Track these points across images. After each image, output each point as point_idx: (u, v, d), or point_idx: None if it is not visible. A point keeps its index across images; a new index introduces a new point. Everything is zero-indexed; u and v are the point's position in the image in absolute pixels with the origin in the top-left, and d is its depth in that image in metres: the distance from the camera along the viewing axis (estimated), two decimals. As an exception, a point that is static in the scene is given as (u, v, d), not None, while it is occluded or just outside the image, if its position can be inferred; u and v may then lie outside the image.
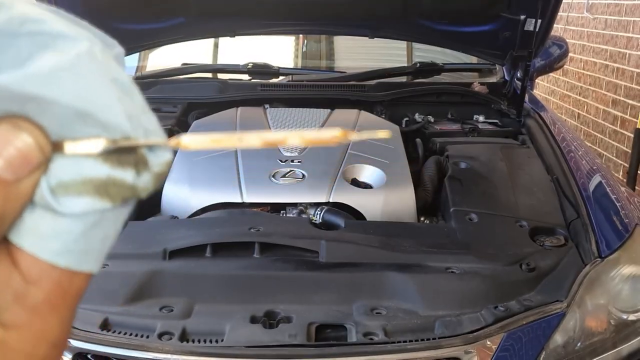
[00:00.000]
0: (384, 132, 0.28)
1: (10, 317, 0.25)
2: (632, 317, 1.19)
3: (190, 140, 0.26)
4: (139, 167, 0.26)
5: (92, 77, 0.24)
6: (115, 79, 0.25)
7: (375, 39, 2.19)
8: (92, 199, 0.25)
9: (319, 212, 1.41)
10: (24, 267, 0.25)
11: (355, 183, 1.56)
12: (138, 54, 2.47)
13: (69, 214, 0.25)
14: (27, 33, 0.24)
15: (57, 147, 0.24)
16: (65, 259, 0.26)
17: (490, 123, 2.02)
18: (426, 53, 2.53)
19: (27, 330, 0.25)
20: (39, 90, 0.23)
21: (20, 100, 0.23)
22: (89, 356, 1.05)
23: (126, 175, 0.25)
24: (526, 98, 2.02)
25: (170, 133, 1.89)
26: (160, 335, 1.04)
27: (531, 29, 1.82)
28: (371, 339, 1.05)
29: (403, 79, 2.33)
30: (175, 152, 0.27)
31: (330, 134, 0.26)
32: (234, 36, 2.19)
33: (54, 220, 0.25)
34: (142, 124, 0.26)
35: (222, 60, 2.55)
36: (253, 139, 0.26)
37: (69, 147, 0.24)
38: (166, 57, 2.49)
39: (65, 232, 0.25)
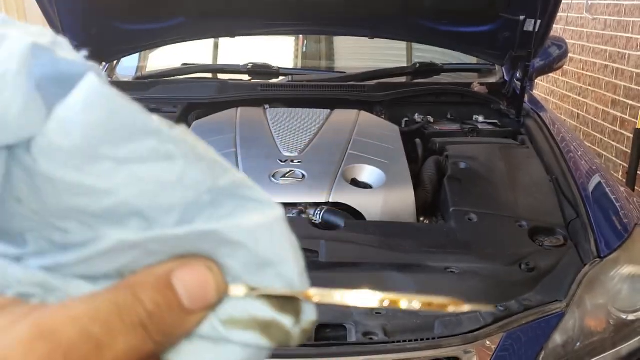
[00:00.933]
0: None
1: None
2: (631, 317, 1.19)
3: (316, 292, 0.31)
4: (297, 316, 0.31)
5: (280, 237, 0.30)
6: (293, 242, 0.31)
7: (375, 39, 2.19)
8: (256, 334, 0.29)
9: (318, 212, 1.41)
10: None
11: (355, 183, 1.56)
12: (138, 54, 2.47)
13: (236, 342, 0.29)
14: (240, 196, 0.29)
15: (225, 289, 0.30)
16: None
17: (489, 123, 2.02)
18: (426, 53, 2.54)
19: None
20: (241, 238, 0.29)
21: (221, 244, 0.29)
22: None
23: (286, 321, 0.30)
24: (525, 98, 2.02)
25: None
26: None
27: (531, 29, 1.82)
28: (371, 338, 1.05)
29: (403, 79, 2.33)
30: None
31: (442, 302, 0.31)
32: (234, 36, 2.19)
33: (216, 349, 0.29)
34: (306, 281, 0.31)
35: (222, 60, 2.55)
36: (373, 298, 0.31)
37: (234, 290, 0.30)
38: (166, 57, 2.49)
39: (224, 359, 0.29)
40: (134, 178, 0.27)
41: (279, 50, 2.68)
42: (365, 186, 1.55)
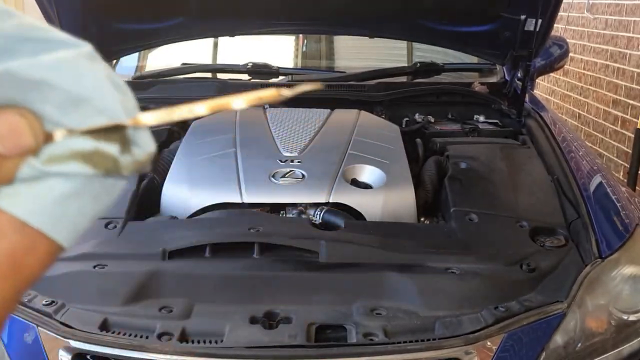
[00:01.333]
0: (312, 84, 0.31)
1: None
2: (632, 317, 1.19)
3: (147, 116, 0.29)
4: (124, 145, 0.29)
5: (90, 70, 0.28)
6: (110, 76, 0.29)
7: (375, 38, 2.19)
8: (78, 164, 0.28)
9: (318, 213, 1.41)
10: None
11: (355, 183, 1.55)
12: (137, 53, 2.47)
13: (53, 173, 0.28)
14: (35, 38, 0.28)
15: (48, 137, 0.28)
16: (38, 219, 0.27)
17: (490, 123, 2.02)
18: (426, 53, 2.53)
19: None
20: (43, 75, 0.27)
21: (25, 87, 0.27)
22: (88, 357, 1.05)
23: (111, 148, 0.29)
24: (526, 98, 2.02)
25: (171, 133, 1.90)
26: (159, 336, 1.04)
27: (531, 28, 1.82)
28: (371, 339, 1.05)
29: (403, 79, 2.33)
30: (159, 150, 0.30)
31: (268, 93, 0.30)
32: (233, 36, 2.19)
33: (36, 184, 0.28)
34: (131, 110, 0.29)
35: (222, 60, 2.55)
36: (200, 108, 0.29)
37: (57, 135, 0.28)
38: (166, 57, 2.49)
39: (45, 193, 0.28)
40: None
41: (278, 50, 2.67)
42: (366, 186, 1.55)
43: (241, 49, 2.50)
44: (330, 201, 1.46)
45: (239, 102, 0.29)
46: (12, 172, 0.28)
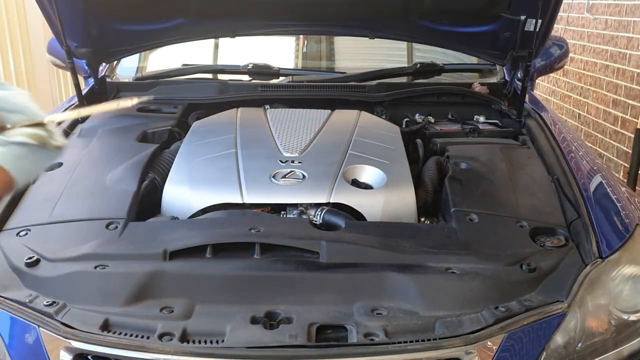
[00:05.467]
0: None
1: None
2: (632, 317, 1.20)
3: (56, 115, 0.72)
4: (48, 132, 0.96)
5: (23, 96, 1.00)
6: (33, 101, 0.65)
7: (376, 39, 2.19)
8: (26, 138, 0.91)
9: (319, 213, 1.41)
10: None
11: (356, 184, 1.55)
12: (138, 55, 2.47)
13: (13, 142, 0.90)
14: None
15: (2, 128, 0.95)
16: (6, 164, 0.83)
17: (490, 123, 2.02)
18: (426, 53, 2.54)
19: None
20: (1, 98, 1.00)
21: None
22: (89, 357, 1.05)
23: (42, 133, 0.94)
24: (526, 98, 2.02)
25: (171, 134, 1.90)
26: (160, 336, 1.04)
27: (531, 29, 1.82)
28: (372, 339, 1.05)
29: (403, 79, 2.33)
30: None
31: None
32: (234, 37, 2.19)
33: (5, 148, 0.88)
34: (43, 115, 0.96)
35: (223, 60, 2.55)
36: None
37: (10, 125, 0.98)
38: (166, 57, 2.49)
39: (9, 151, 0.85)
40: None
41: (279, 51, 2.68)
42: (366, 187, 1.55)
43: (242, 50, 2.50)
44: (331, 201, 1.46)
45: None
46: None
